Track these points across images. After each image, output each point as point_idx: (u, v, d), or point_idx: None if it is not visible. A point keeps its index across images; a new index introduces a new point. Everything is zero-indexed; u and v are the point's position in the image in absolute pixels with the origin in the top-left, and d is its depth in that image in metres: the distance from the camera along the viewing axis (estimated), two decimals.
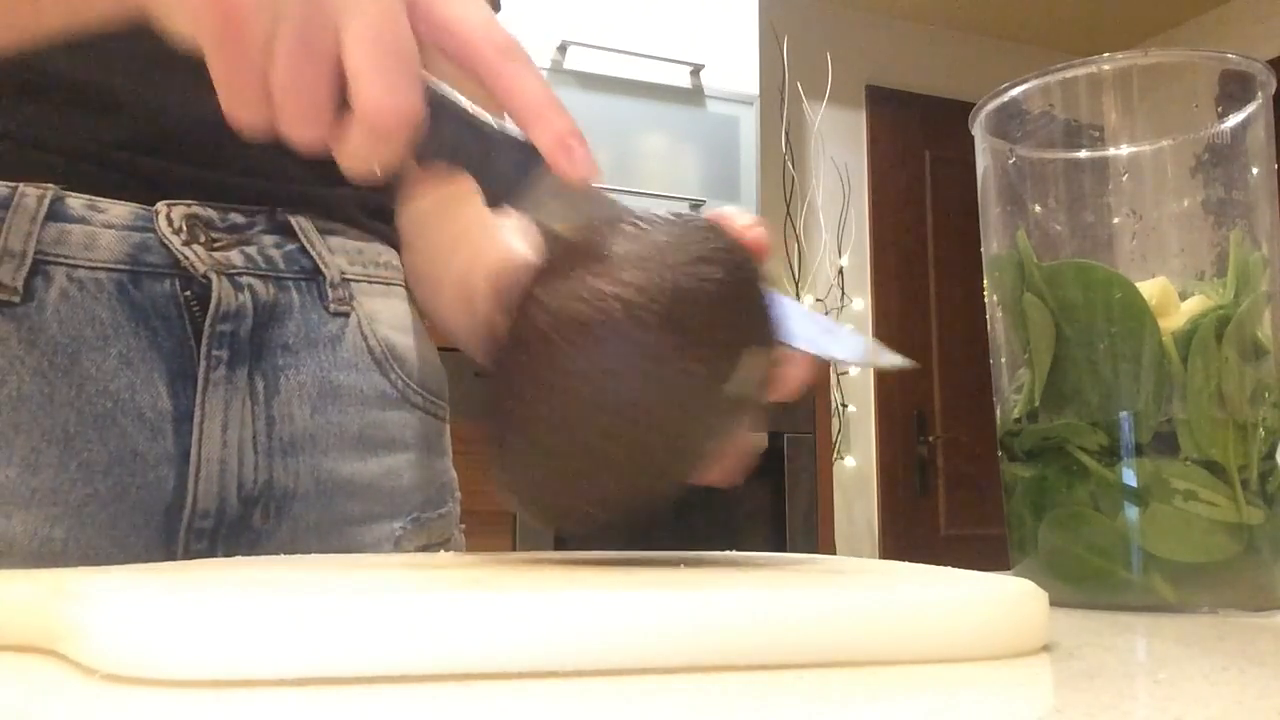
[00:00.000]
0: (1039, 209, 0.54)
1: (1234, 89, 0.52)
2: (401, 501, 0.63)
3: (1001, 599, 0.30)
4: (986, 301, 0.56)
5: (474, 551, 0.54)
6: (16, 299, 0.52)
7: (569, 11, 2.54)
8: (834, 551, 2.66)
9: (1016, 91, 0.54)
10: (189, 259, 0.56)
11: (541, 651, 0.26)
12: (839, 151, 3.38)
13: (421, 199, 0.67)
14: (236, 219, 0.58)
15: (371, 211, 0.66)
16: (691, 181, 2.64)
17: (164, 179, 0.57)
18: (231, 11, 0.32)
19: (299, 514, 0.59)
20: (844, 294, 3.28)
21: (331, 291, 0.61)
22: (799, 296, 3.21)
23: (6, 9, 0.43)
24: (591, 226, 0.37)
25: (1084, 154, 0.54)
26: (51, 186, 0.54)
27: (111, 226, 0.55)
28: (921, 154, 3.52)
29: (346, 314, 0.62)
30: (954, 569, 0.37)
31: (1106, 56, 0.51)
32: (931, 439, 3.40)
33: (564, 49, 2.52)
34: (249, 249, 0.58)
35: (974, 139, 0.57)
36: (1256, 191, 0.52)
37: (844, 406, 3.24)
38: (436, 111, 0.36)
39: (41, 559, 0.52)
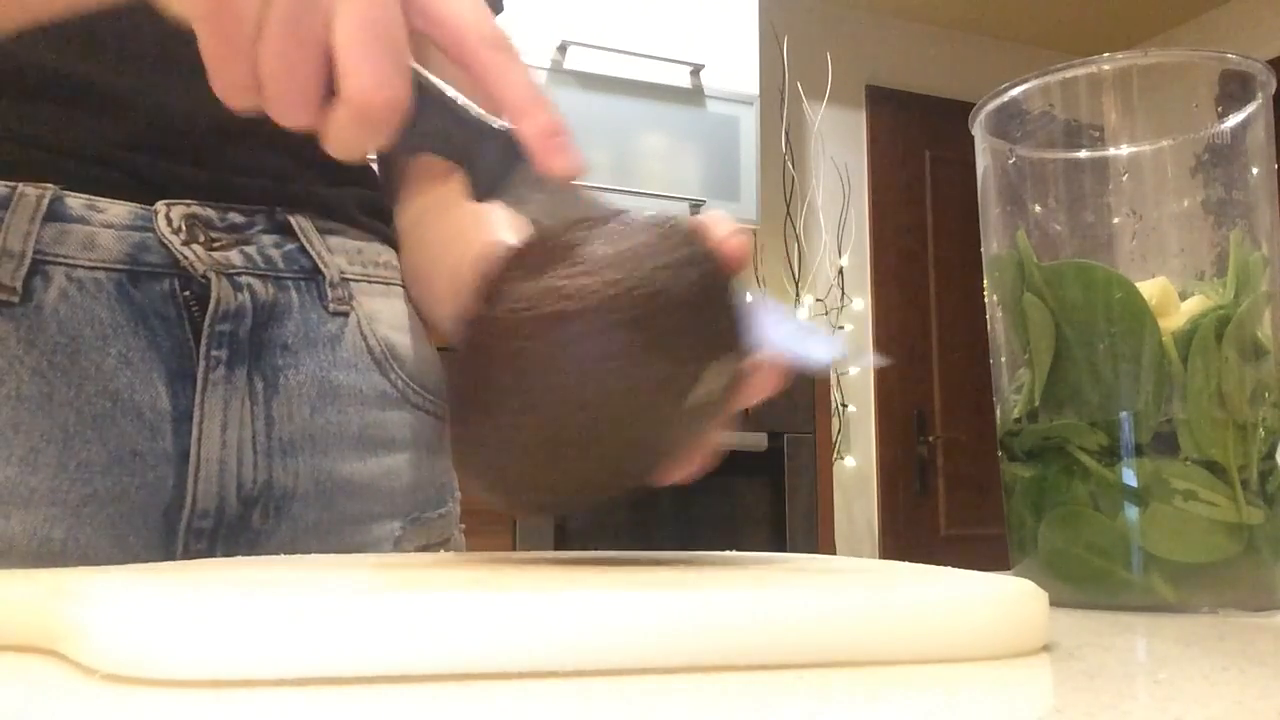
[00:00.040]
0: (1039, 209, 0.54)
1: (1234, 89, 0.52)
2: (401, 501, 0.63)
3: (1001, 599, 0.30)
4: (986, 301, 0.56)
5: (474, 551, 0.54)
6: (15, 299, 0.52)
7: (569, 11, 2.54)
8: (834, 551, 2.66)
9: (1016, 91, 0.54)
10: (188, 259, 0.56)
11: (541, 651, 0.26)
12: (839, 151, 3.38)
13: (419, 198, 0.67)
14: (236, 219, 0.58)
15: (371, 211, 0.66)
16: (691, 181, 2.64)
17: (163, 179, 0.57)
18: None
19: (298, 514, 0.59)
20: (844, 294, 3.29)
21: (331, 291, 0.61)
22: (799, 296, 3.21)
23: None
24: (570, 223, 0.37)
25: (1084, 154, 0.54)
26: (51, 186, 0.54)
27: (111, 226, 0.55)
28: (921, 154, 3.52)
29: (346, 314, 0.62)
30: (954, 569, 0.37)
31: (1106, 56, 0.51)
32: (931, 439, 3.40)
33: (564, 49, 2.52)
34: (248, 249, 0.58)
35: (974, 139, 0.57)
36: (1256, 191, 0.52)
37: (844, 406, 3.24)
38: (423, 101, 0.36)
39: (40, 559, 0.51)
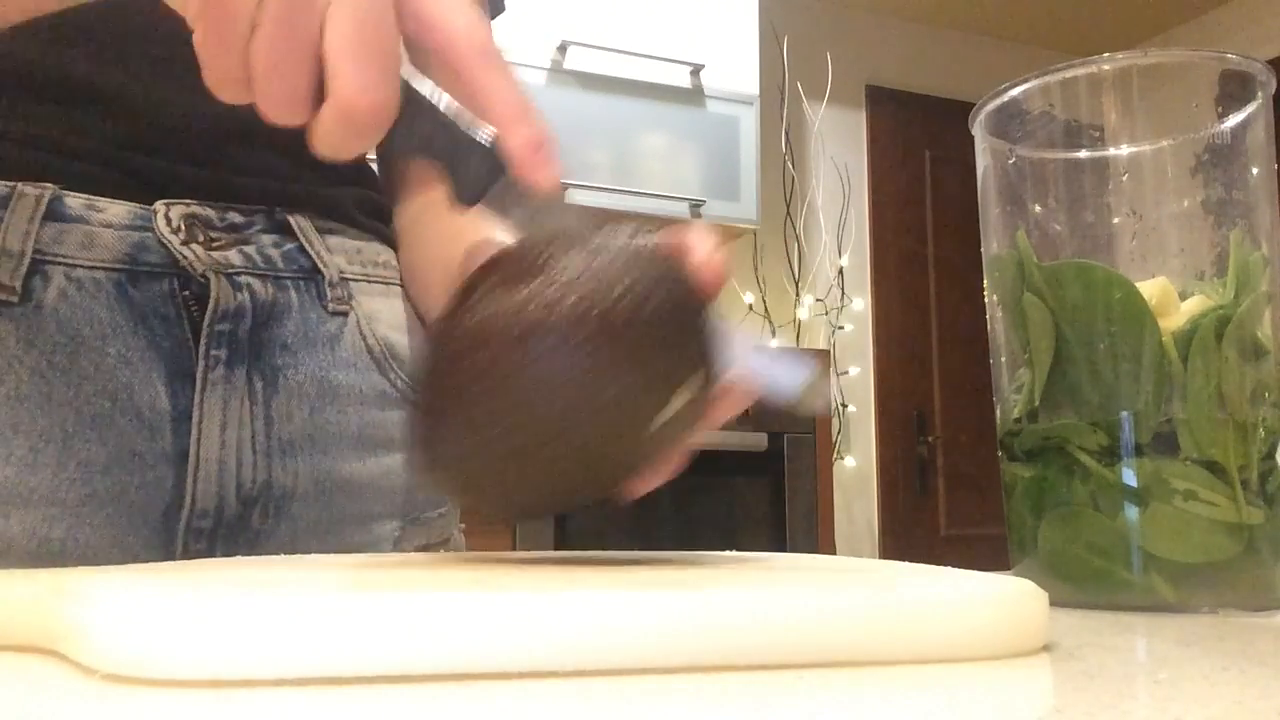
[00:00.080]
0: (1039, 209, 0.54)
1: (1234, 89, 0.52)
2: (401, 501, 0.63)
3: (1001, 599, 0.30)
4: (986, 301, 0.56)
5: (474, 551, 0.54)
6: (15, 298, 0.52)
7: (569, 11, 2.54)
8: (834, 551, 2.66)
9: (1016, 91, 0.54)
10: (187, 258, 0.56)
11: (541, 651, 0.26)
12: (839, 151, 3.38)
13: (418, 198, 0.67)
14: (235, 218, 0.58)
15: (370, 211, 0.66)
16: (691, 181, 2.64)
17: (162, 178, 0.57)
18: None
19: (298, 514, 0.58)
20: (844, 294, 3.29)
21: (330, 291, 0.61)
22: (799, 296, 3.21)
23: None
24: (549, 236, 0.37)
25: (1084, 154, 0.54)
26: (50, 186, 0.54)
27: (110, 226, 0.55)
28: (921, 154, 3.52)
29: (345, 313, 0.62)
30: (954, 569, 0.37)
31: (1106, 56, 0.51)
32: (931, 439, 3.40)
33: (564, 49, 2.52)
34: (247, 248, 0.58)
35: (974, 139, 0.57)
36: (1256, 191, 0.52)
37: (844, 406, 3.24)
38: (411, 106, 0.36)
39: (40, 559, 0.51)
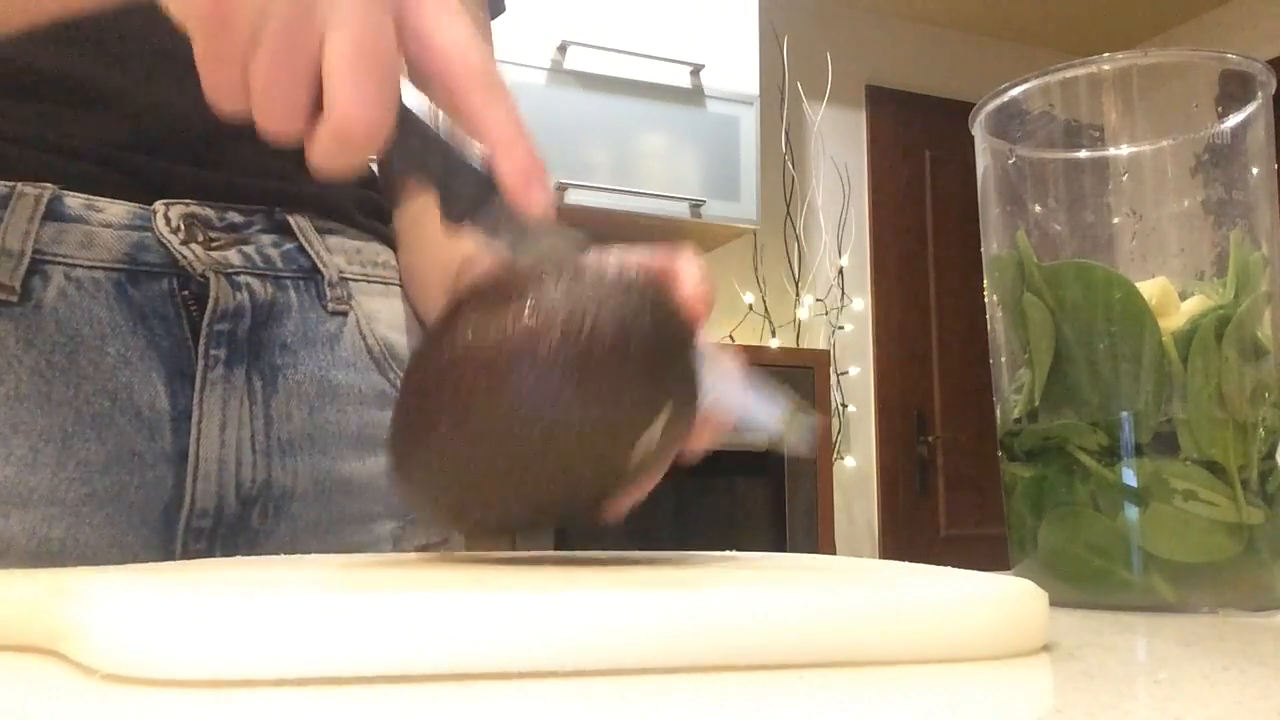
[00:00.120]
0: (1039, 209, 0.54)
1: (1234, 89, 0.52)
2: (400, 501, 0.63)
3: (1001, 599, 0.30)
4: (986, 301, 0.56)
5: (474, 551, 0.54)
6: (14, 298, 0.52)
7: (569, 11, 2.54)
8: (834, 551, 2.66)
9: (1016, 91, 0.54)
10: (187, 258, 0.56)
11: (541, 651, 0.26)
12: (839, 151, 3.38)
13: (418, 199, 0.67)
14: (234, 218, 0.58)
15: (369, 211, 0.66)
16: (691, 181, 2.64)
17: (162, 179, 0.57)
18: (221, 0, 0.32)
19: (297, 513, 0.59)
20: (844, 294, 3.29)
21: (330, 291, 0.61)
22: (799, 296, 3.21)
23: None
24: (535, 261, 0.37)
25: (1084, 154, 0.54)
26: (49, 185, 0.54)
27: (109, 226, 0.55)
28: (921, 154, 3.52)
29: (345, 313, 0.62)
30: (954, 569, 0.37)
31: (1106, 56, 0.51)
32: (931, 439, 3.40)
33: (564, 49, 2.51)
34: (247, 248, 0.58)
35: (974, 139, 0.57)
36: (1256, 191, 0.52)
37: (844, 406, 3.24)
38: (406, 126, 0.36)
39: (39, 558, 0.51)
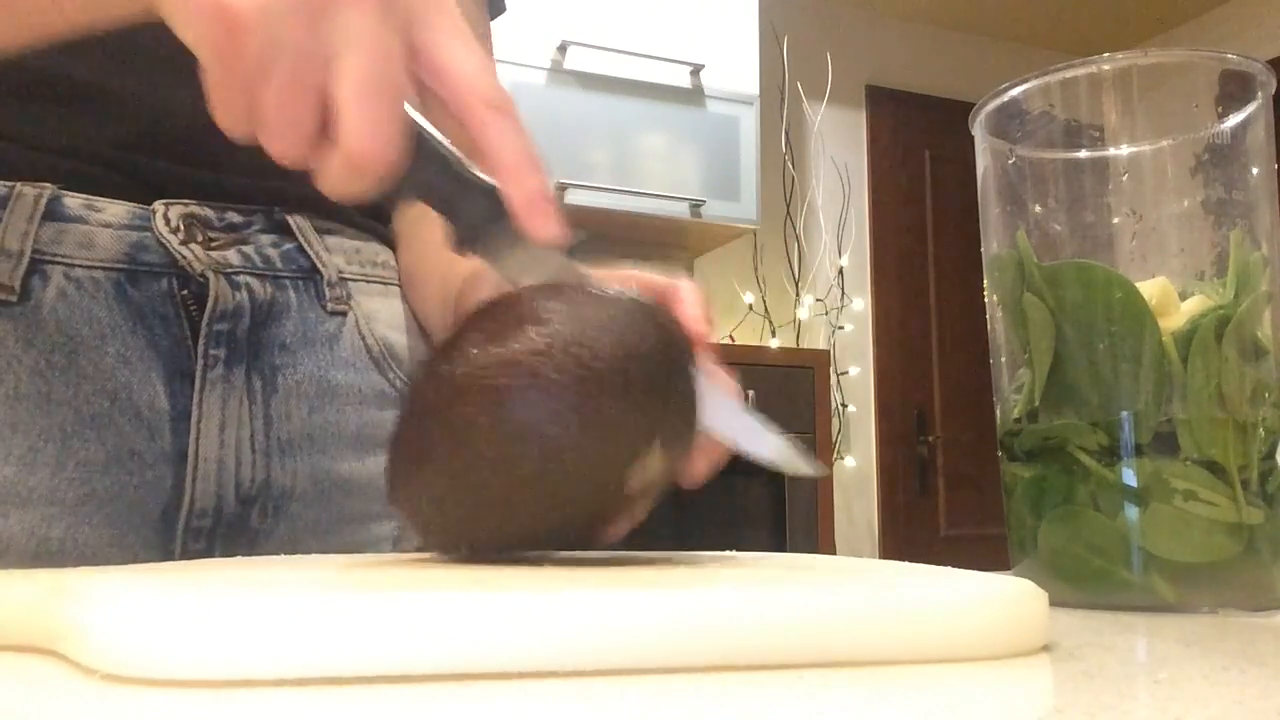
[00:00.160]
0: (1039, 209, 0.54)
1: (1234, 89, 0.52)
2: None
3: (1001, 599, 0.30)
4: (986, 301, 0.56)
5: None
6: (14, 298, 0.52)
7: (569, 11, 2.54)
8: (834, 551, 2.66)
9: (1016, 91, 0.54)
10: (186, 258, 0.56)
11: (541, 651, 0.26)
12: (839, 151, 3.38)
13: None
14: (234, 218, 0.58)
15: (369, 211, 0.66)
16: (691, 181, 2.64)
17: (162, 179, 0.57)
18: (234, 27, 0.32)
19: (297, 513, 0.59)
20: (844, 294, 3.29)
21: (329, 291, 0.61)
22: (799, 296, 3.21)
23: (32, 7, 0.43)
24: (539, 289, 0.37)
25: (1084, 154, 0.54)
26: (49, 185, 0.54)
27: (109, 226, 0.55)
28: (921, 154, 3.52)
29: (344, 313, 0.62)
30: (954, 569, 0.37)
31: (1106, 56, 0.51)
32: (931, 439, 3.40)
33: (564, 49, 2.51)
34: (246, 248, 0.58)
35: (974, 139, 0.57)
36: (1256, 191, 0.52)
37: (844, 406, 3.24)
38: (416, 151, 0.36)
39: (39, 558, 0.51)
